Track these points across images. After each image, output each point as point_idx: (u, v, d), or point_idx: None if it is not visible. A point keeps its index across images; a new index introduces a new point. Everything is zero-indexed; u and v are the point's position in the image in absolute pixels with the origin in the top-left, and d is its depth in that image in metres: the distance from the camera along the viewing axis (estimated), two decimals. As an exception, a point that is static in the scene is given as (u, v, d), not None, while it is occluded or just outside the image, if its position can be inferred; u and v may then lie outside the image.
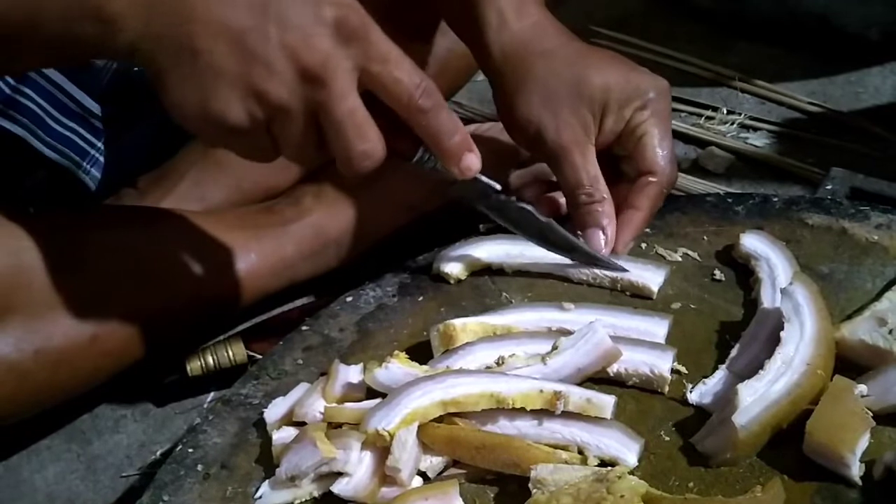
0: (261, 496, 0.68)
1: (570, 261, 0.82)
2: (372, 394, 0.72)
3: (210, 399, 0.94)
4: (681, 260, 0.83)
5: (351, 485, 0.66)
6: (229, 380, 0.82)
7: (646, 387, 0.72)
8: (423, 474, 0.68)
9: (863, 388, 0.66)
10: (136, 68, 0.99)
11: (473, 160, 0.73)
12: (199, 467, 0.71)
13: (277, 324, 0.95)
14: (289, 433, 0.70)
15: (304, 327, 0.82)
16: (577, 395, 0.68)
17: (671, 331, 0.75)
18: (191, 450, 0.73)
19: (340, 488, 0.66)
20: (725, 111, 1.22)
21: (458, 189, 0.77)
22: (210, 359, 0.92)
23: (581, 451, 0.67)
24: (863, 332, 0.70)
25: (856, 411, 0.64)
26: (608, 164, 0.84)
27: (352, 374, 0.74)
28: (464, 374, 0.69)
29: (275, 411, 0.73)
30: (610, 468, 0.64)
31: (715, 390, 0.70)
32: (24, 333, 0.81)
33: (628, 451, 0.66)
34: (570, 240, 0.81)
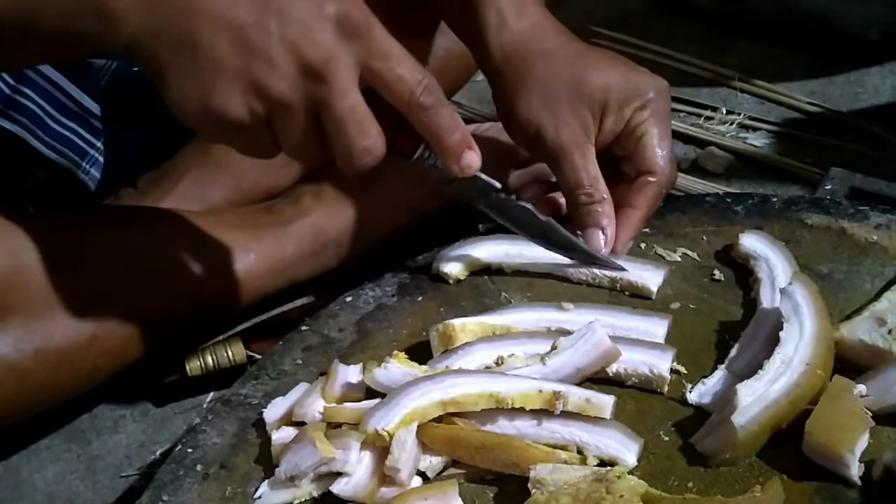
0: (260, 496, 0.68)
1: (570, 260, 0.82)
2: (371, 394, 0.72)
3: (209, 399, 0.94)
4: (680, 260, 0.83)
5: (350, 485, 0.66)
6: (229, 380, 0.82)
7: (645, 387, 0.72)
8: (422, 474, 0.68)
9: (862, 388, 0.66)
10: (136, 68, 0.99)
11: (474, 158, 0.73)
12: (199, 467, 0.71)
13: (277, 324, 0.95)
14: (288, 433, 0.70)
15: (303, 327, 0.82)
16: (576, 394, 0.68)
17: (670, 331, 0.75)
18: (190, 450, 0.73)
19: (340, 488, 0.66)
20: (725, 111, 1.22)
21: (457, 187, 0.77)
22: (209, 359, 0.92)
23: (580, 451, 0.67)
24: (862, 332, 0.70)
25: (855, 411, 0.64)
26: (608, 165, 0.84)
27: (351, 374, 0.74)
28: (463, 374, 0.69)
29: (274, 411, 0.73)
30: (609, 468, 0.64)
31: (714, 390, 0.70)
32: (23, 333, 0.81)
33: (627, 450, 0.66)
34: (570, 239, 0.81)
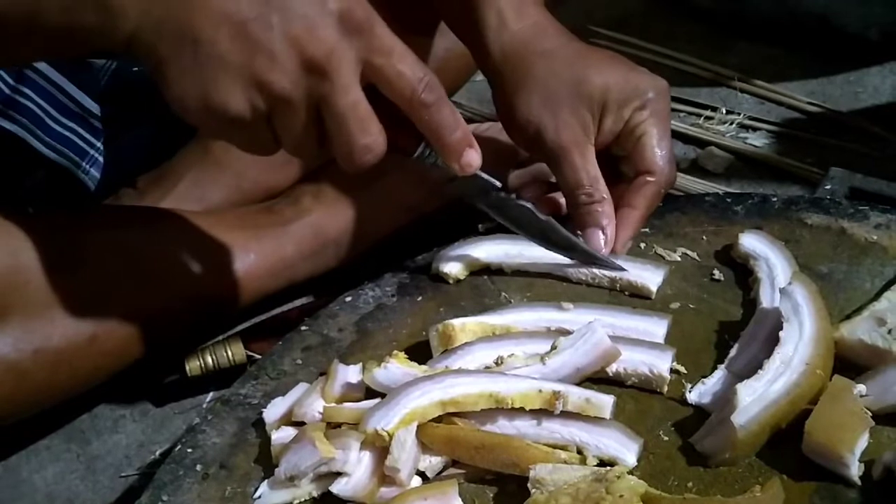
0: (260, 496, 0.68)
1: (570, 260, 0.82)
2: (371, 394, 0.72)
3: (209, 399, 0.94)
4: (680, 260, 0.83)
5: (350, 485, 0.66)
6: (228, 380, 0.82)
7: (645, 386, 0.72)
8: (422, 474, 0.68)
9: (862, 388, 0.66)
10: (136, 68, 0.99)
11: (474, 156, 0.73)
12: (198, 467, 0.71)
13: (276, 324, 0.95)
14: (288, 433, 0.70)
15: (303, 327, 0.82)
16: (575, 394, 0.68)
17: (670, 330, 0.75)
18: (190, 450, 0.73)
19: (339, 488, 0.66)
20: (725, 111, 1.22)
21: (458, 186, 0.77)
22: (209, 359, 0.92)
23: (580, 451, 0.67)
24: (862, 331, 0.70)
25: (855, 411, 0.64)
26: (607, 165, 0.84)
27: (351, 374, 0.74)
28: (463, 373, 0.69)
29: (274, 411, 0.73)
30: (609, 468, 0.64)
31: (714, 390, 0.70)
32: (22, 333, 0.81)
33: (627, 450, 0.66)
34: (570, 239, 0.81)
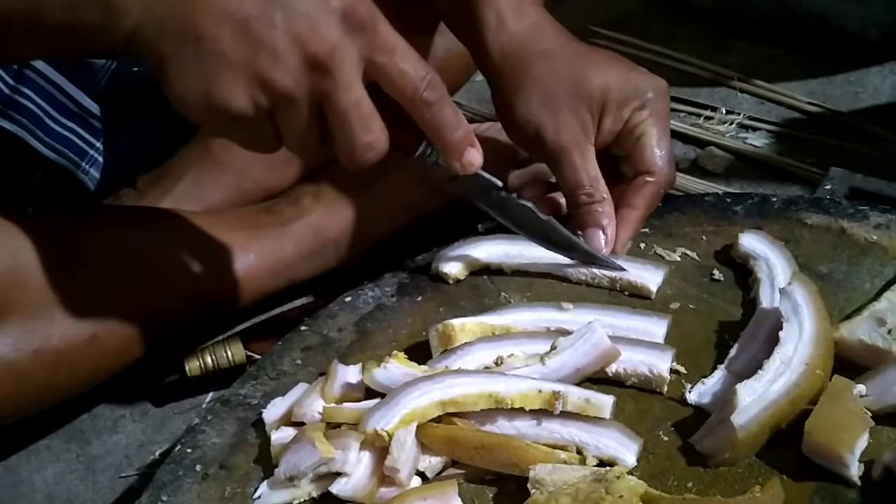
0: (259, 496, 0.68)
1: (569, 260, 0.82)
2: (371, 394, 0.72)
3: (209, 399, 0.94)
4: (679, 260, 0.83)
5: (350, 485, 0.66)
6: (228, 380, 0.81)
7: (644, 387, 0.72)
8: (421, 474, 0.68)
9: (861, 388, 0.66)
10: (136, 68, 0.99)
11: (475, 155, 0.73)
12: (198, 467, 0.71)
13: (276, 324, 0.95)
14: (287, 433, 0.70)
15: (302, 327, 0.82)
16: (575, 394, 0.68)
17: (670, 331, 0.75)
18: (189, 450, 0.73)
19: (339, 488, 0.66)
20: (724, 111, 1.22)
21: (459, 185, 0.77)
22: (209, 359, 0.92)
23: (580, 451, 0.67)
24: (862, 331, 0.70)
25: (855, 411, 0.64)
26: (607, 165, 0.84)
27: (350, 374, 0.74)
28: (462, 374, 0.69)
29: (273, 411, 0.73)
30: (609, 468, 0.64)
31: (714, 390, 0.70)
32: (22, 333, 0.81)
33: (627, 451, 0.66)
34: (570, 239, 0.81)
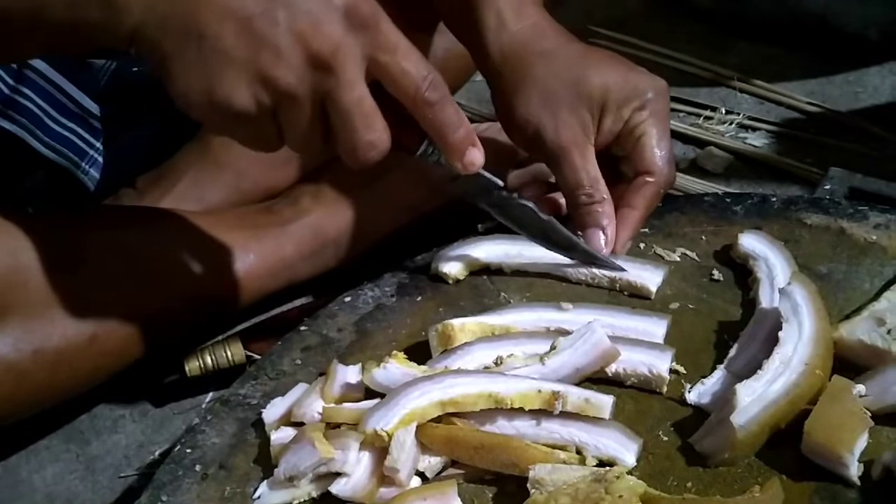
0: (259, 496, 0.68)
1: (569, 260, 0.82)
2: (370, 394, 0.72)
3: (208, 399, 0.94)
4: (679, 260, 0.83)
5: (349, 485, 0.66)
6: (228, 380, 0.81)
7: (644, 387, 0.72)
8: (421, 474, 0.68)
9: (861, 388, 0.66)
10: (135, 68, 0.99)
11: (477, 155, 0.73)
12: (198, 467, 0.71)
13: (276, 324, 0.95)
14: (287, 433, 0.70)
15: (302, 327, 0.82)
16: (575, 395, 0.68)
17: (669, 331, 0.75)
18: (189, 450, 0.73)
19: (339, 488, 0.66)
20: (724, 111, 1.22)
21: (460, 184, 0.77)
22: (209, 359, 0.92)
23: (579, 451, 0.67)
24: (861, 331, 0.70)
25: (854, 411, 0.64)
26: (607, 165, 0.84)
27: (350, 374, 0.74)
28: (462, 374, 0.69)
29: (273, 411, 0.73)
30: (608, 468, 0.64)
31: (713, 390, 0.70)
32: (22, 333, 0.81)
33: (626, 451, 0.66)
34: (571, 239, 0.81)
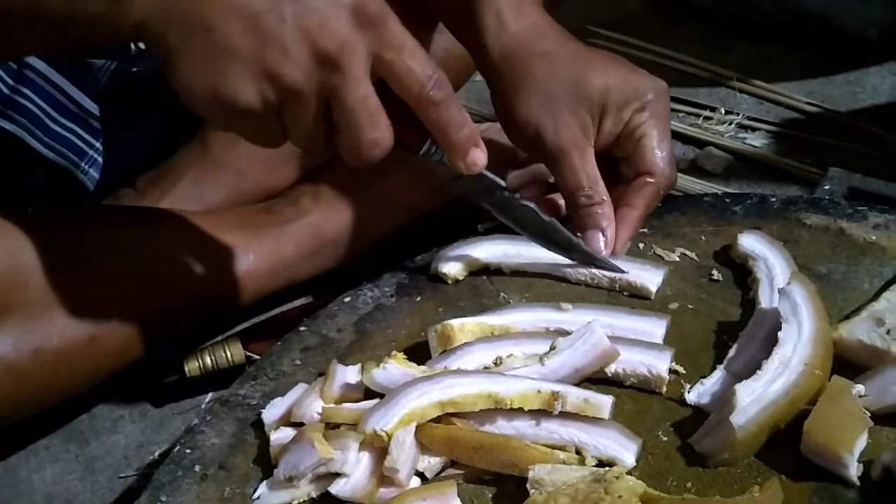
0: (259, 497, 0.68)
1: (569, 260, 0.82)
2: (370, 394, 0.72)
3: (208, 399, 0.94)
4: (679, 260, 0.83)
5: (349, 485, 0.66)
6: (227, 380, 0.81)
7: (644, 387, 0.72)
8: (421, 475, 0.68)
9: (860, 389, 0.66)
10: (135, 69, 0.99)
11: (480, 155, 0.73)
12: (197, 468, 0.71)
13: (275, 324, 0.95)
14: (287, 434, 0.70)
15: (302, 328, 0.82)
16: (574, 395, 0.68)
17: (669, 331, 0.75)
18: (188, 450, 0.73)
19: (338, 489, 0.66)
20: (724, 111, 1.22)
21: (462, 184, 0.77)
22: (208, 359, 0.92)
23: (579, 452, 0.67)
24: (861, 332, 0.70)
25: (853, 411, 0.64)
26: (607, 166, 0.84)
27: (350, 374, 0.74)
28: (462, 374, 0.69)
29: (273, 412, 0.73)
30: (608, 468, 0.64)
31: (713, 390, 0.70)
32: (22, 333, 0.81)
33: (626, 451, 0.66)
34: (571, 240, 0.81)
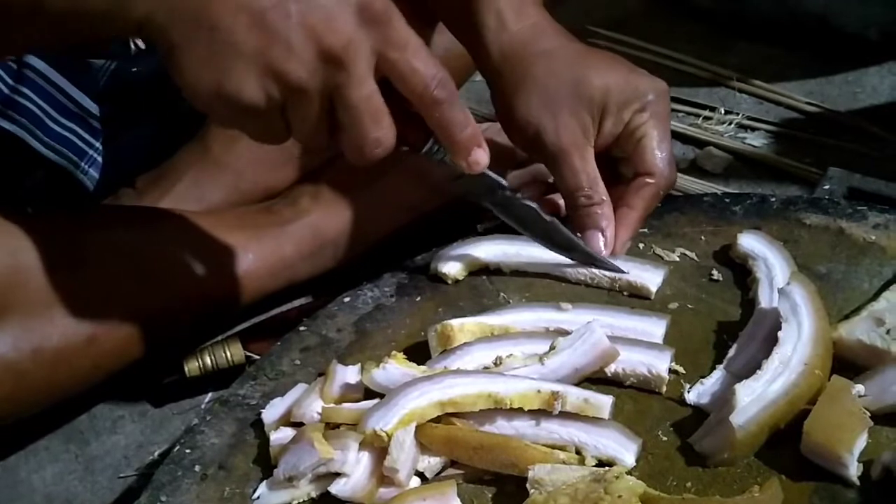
0: (259, 497, 0.68)
1: (569, 260, 0.82)
2: (370, 394, 0.72)
3: (208, 399, 0.94)
4: (678, 260, 0.83)
5: (349, 485, 0.66)
6: (227, 380, 0.81)
7: (643, 387, 0.72)
8: (420, 475, 0.68)
9: (860, 388, 0.66)
10: (135, 69, 0.99)
11: (482, 155, 0.73)
12: (197, 468, 0.71)
13: (275, 324, 0.95)
14: (286, 434, 0.70)
15: (301, 328, 0.82)
16: (574, 395, 0.68)
17: (669, 331, 0.75)
18: (188, 450, 0.73)
19: (338, 489, 0.66)
20: (723, 111, 1.22)
21: (464, 184, 0.77)
22: (208, 359, 0.92)
23: (579, 452, 0.67)
24: (860, 331, 0.70)
25: (853, 411, 0.64)
26: (606, 167, 0.84)
27: (349, 374, 0.74)
28: (461, 374, 0.69)
29: (272, 412, 0.73)
30: (607, 468, 0.64)
31: (713, 390, 0.70)
32: (21, 333, 0.81)
33: (626, 451, 0.66)
34: (572, 240, 0.81)
